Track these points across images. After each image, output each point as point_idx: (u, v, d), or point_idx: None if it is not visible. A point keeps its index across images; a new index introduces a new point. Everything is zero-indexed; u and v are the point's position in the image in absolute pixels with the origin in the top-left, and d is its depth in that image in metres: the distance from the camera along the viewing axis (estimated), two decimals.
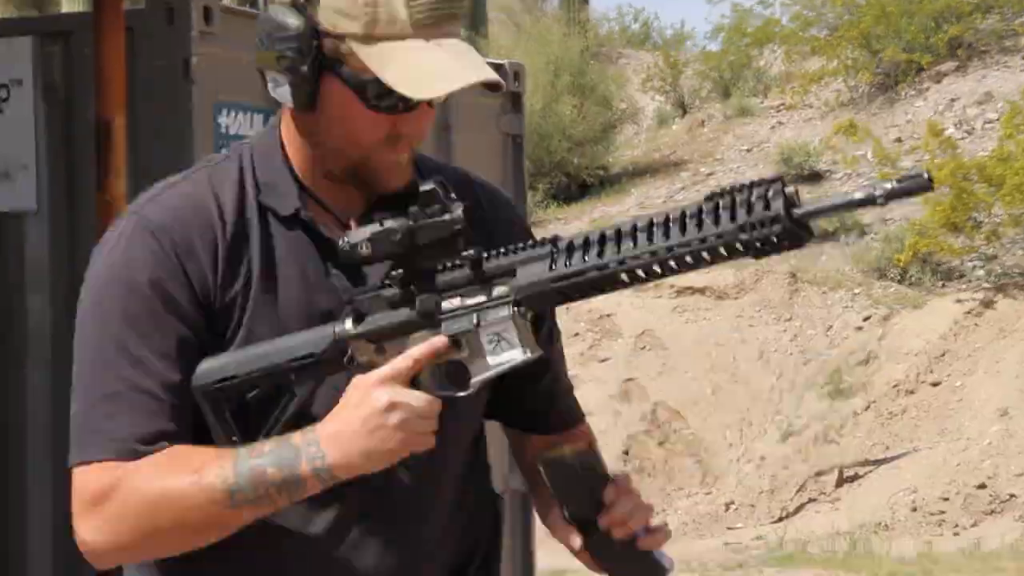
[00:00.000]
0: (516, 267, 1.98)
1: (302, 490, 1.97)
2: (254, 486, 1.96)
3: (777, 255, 1.89)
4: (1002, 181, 12.40)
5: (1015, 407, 11.42)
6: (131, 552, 2.02)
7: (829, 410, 12.35)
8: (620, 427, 12.70)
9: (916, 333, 12.57)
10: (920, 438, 11.70)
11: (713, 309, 13.60)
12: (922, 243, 12.79)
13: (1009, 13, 17.28)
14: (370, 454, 1.95)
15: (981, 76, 16.63)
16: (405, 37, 1.99)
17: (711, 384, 12.92)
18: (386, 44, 1.99)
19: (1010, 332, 12.18)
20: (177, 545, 2.01)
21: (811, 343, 13.05)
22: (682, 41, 24.89)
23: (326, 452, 1.96)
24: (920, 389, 12.11)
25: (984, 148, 14.30)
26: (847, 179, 15.38)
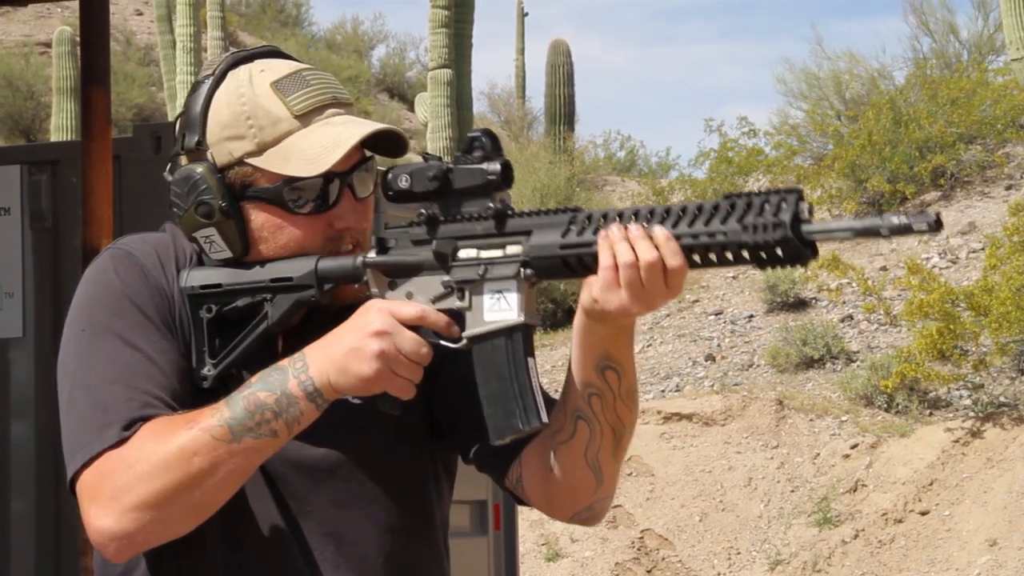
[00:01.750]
0: (534, 229, 1.97)
1: (296, 410, 1.96)
2: (250, 414, 1.94)
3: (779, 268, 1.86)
4: (988, 310, 12.44)
5: (1004, 537, 11.35)
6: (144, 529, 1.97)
7: (817, 538, 12.27)
8: (607, 555, 12.59)
9: (904, 461, 12.52)
10: (909, 567, 11.61)
11: (700, 435, 13.55)
12: (909, 370, 12.79)
13: (991, 144, 17.44)
14: (344, 371, 1.94)
15: (965, 206, 16.76)
16: (293, 131, 2.06)
17: (699, 511, 12.83)
18: (279, 145, 2.05)
19: (998, 462, 12.14)
20: (189, 509, 1.97)
21: (798, 470, 13.00)
22: (667, 169, 25.10)
23: (309, 362, 1.96)
24: (908, 518, 12.04)
25: (969, 278, 14.37)
26: (832, 307, 15.41)
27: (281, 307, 2.07)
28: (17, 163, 4.68)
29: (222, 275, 2.09)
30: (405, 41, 45.08)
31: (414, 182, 2.01)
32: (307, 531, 2.09)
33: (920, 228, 1.78)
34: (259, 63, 2.12)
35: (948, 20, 21.12)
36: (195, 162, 2.09)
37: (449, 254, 2.00)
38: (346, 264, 2.06)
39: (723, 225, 1.85)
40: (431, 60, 20.17)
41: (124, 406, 1.99)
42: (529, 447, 2.12)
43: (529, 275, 1.96)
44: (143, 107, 26.99)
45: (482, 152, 2.00)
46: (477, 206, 2.00)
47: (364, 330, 1.95)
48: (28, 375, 4.59)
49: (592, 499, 2.12)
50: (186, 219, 2.10)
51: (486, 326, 1.98)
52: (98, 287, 2.09)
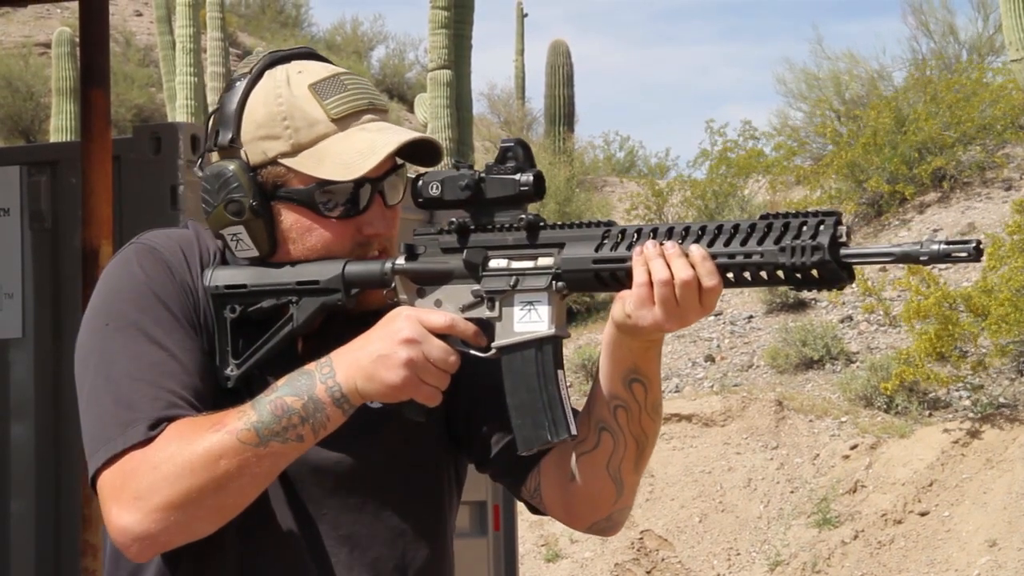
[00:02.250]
0: (567, 241, 1.97)
1: (323, 416, 1.95)
2: (277, 418, 1.94)
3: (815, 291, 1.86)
4: (987, 312, 12.43)
5: (1003, 538, 11.35)
6: (167, 530, 1.96)
7: (817, 539, 12.27)
8: (607, 555, 12.59)
9: (903, 462, 12.52)
10: (909, 568, 11.61)
11: (700, 436, 13.55)
12: (908, 372, 12.79)
13: (991, 145, 17.44)
14: (371, 378, 1.94)
15: (964, 207, 16.76)
16: (329, 134, 2.06)
17: (698, 512, 12.83)
18: (314, 148, 2.05)
19: (997, 462, 12.14)
20: (213, 511, 1.96)
21: (798, 471, 13.00)
22: (664, 170, 25.10)
23: (336, 368, 1.96)
24: (908, 519, 12.04)
25: (968, 279, 14.37)
26: (832, 308, 15.41)
27: (307, 310, 2.06)
28: (17, 164, 4.68)
29: (247, 275, 2.08)
30: (405, 42, 45.11)
31: (445, 190, 2.01)
32: (322, 534, 2.09)
33: (959, 255, 1.78)
34: (296, 64, 2.12)
35: (948, 21, 21.12)
36: (227, 159, 2.09)
37: (480, 263, 2.00)
38: (374, 269, 2.05)
39: (759, 246, 1.85)
40: (431, 61, 20.18)
41: (149, 404, 1.98)
42: (548, 457, 2.12)
43: (561, 287, 1.97)
44: (143, 108, 27.00)
45: (515, 162, 1.99)
46: (508, 216, 2.00)
47: (393, 337, 1.94)
48: (27, 376, 4.59)
49: (612, 509, 2.13)
50: (215, 215, 2.09)
51: (516, 337, 1.98)
52: (122, 280, 2.08)
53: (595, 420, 2.06)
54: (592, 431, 2.06)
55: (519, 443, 2.01)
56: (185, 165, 4.40)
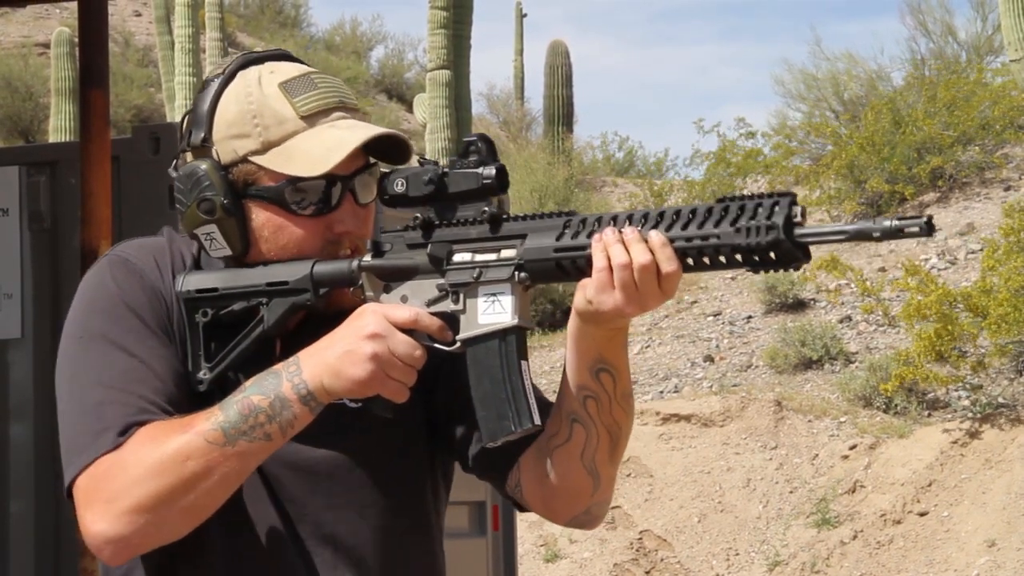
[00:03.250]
0: (529, 232, 1.98)
1: (290, 414, 1.96)
2: (244, 417, 1.95)
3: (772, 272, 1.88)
4: (987, 312, 12.43)
5: (1002, 538, 11.35)
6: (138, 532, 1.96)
7: (816, 539, 12.27)
8: (606, 556, 12.59)
9: (902, 462, 12.52)
10: (908, 568, 11.61)
11: (699, 437, 13.55)
12: (908, 372, 12.79)
13: (989, 145, 17.44)
14: (337, 374, 1.95)
15: (963, 207, 16.76)
16: (298, 131, 2.07)
17: (697, 512, 12.83)
18: (284, 145, 2.07)
19: (996, 463, 12.14)
20: (184, 512, 1.97)
21: (797, 471, 13.00)
22: (662, 168, 25.08)
23: (303, 366, 1.97)
24: (907, 519, 12.04)
25: (967, 278, 14.37)
26: (831, 308, 15.41)
27: (277, 311, 2.07)
28: (16, 164, 4.67)
29: (218, 279, 2.10)
30: (404, 42, 45.06)
31: (410, 186, 2.02)
32: (304, 533, 2.10)
33: (912, 231, 1.80)
34: (269, 65, 2.14)
35: (946, 21, 21.13)
36: (200, 159, 2.11)
37: (444, 257, 2.01)
38: (341, 268, 2.06)
39: (716, 228, 1.87)
40: (430, 61, 20.18)
41: (119, 412, 2.00)
42: (527, 452, 2.13)
43: (523, 278, 1.98)
44: (142, 108, 26.99)
45: (478, 156, 2.01)
46: (472, 210, 2.01)
47: (358, 333, 1.96)
48: (27, 376, 4.59)
49: (590, 502, 2.13)
50: (188, 215, 2.11)
51: (480, 329, 1.99)
52: (95, 294, 2.10)
53: (566, 412, 2.06)
54: (564, 423, 2.07)
55: (484, 435, 2.02)
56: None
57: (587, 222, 1.95)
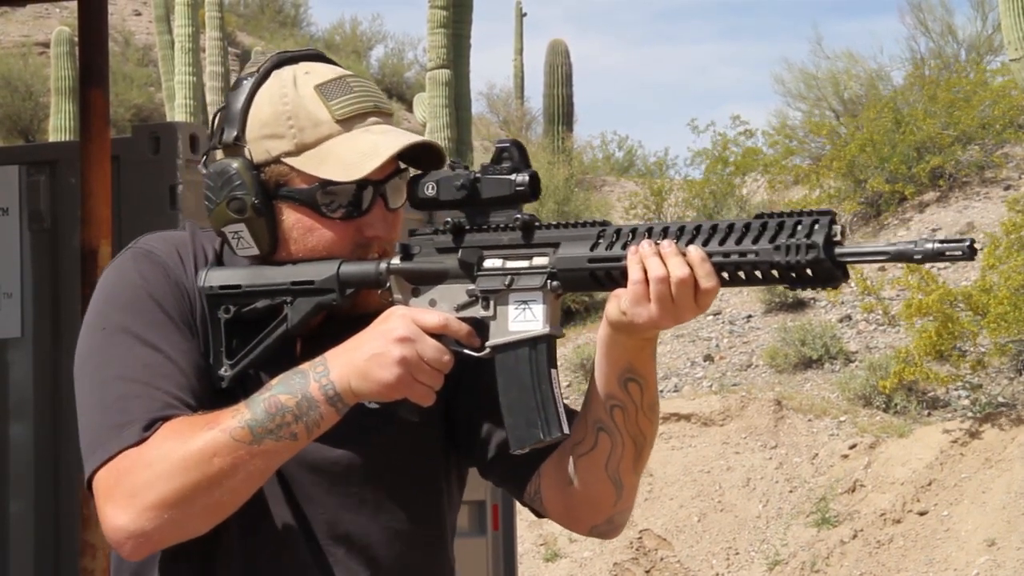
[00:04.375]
0: (562, 241, 1.98)
1: (317, 414, 1.96)
2: (271, 416, 1.94)
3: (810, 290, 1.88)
4: (986, 310, 12.43)
5: (1002, 538, 11.35)
6: (161, 528, 1.96)
7: (816, 539, 12.27)
8: (606, 555, 12.59)
9: (902, 462, 12.52)
10: (908, 568, 11.62)
11: (699, 436, 13.55)
12: (907, 371, 12.78)
13: (989, 144, 17.44)
14: (365, 376, 1.94)
15: (963, 207, 16.76)
16: (333, 135, 2.07)
17: (697, 511, 12.83)
18: (318, 148, 2.06)
19: (996, 462, 12.14)
20: (207, 509, 1.96)
21: (797, 471, 13.00)
22: (662, 166, 25.07)
23: (330, 367, 1.96)
24: (907, 518, 12.04)
25: (967, 278, 14.37)
26: (831, 307, 15.41)
27: (301, 310, 2.07)
28: (15, 163, 4.67)
29: (242, 276, 2.09)
30: (403, 41, 45.10)
31: (440, 190, 2.02)
32: (319, 533, 2.10)
33: (954, 253, 1.79)
34: (304, 65, 2.13)
35: (946, 20, 21.12)
36: (231, 157, 2.10)
37: (475, 263, 2.00)
38: (368, 269, 2.06)
39: (754, 245, 1.86)
40: (429, 60, 20.17)
41: (144, 405, 1.99)
42: (548, 460, 2.12)
43: (555, 287, 1.97)
44: (141, 107, 26.99)
45: (510, 163, 2.01)
46: (503, 216, 2.01)
47: (386, 336, 1.95)
48: (26, 375, 4.58)
49: (612, 512, 2.12)
50: (217, 213, 2.10)
51: (510, 336, 1.98)
52: (118, 285, 2.09)
53: (592, 421, 2.06)
54: (590, 432, 2.06)
55: (512, 442, 2.02)
56: (184, 165, 4.40)
57: (622, 233, 1.95)
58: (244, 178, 2.07)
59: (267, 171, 2.08)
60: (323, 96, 2.07)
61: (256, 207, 2.07)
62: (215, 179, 2.09)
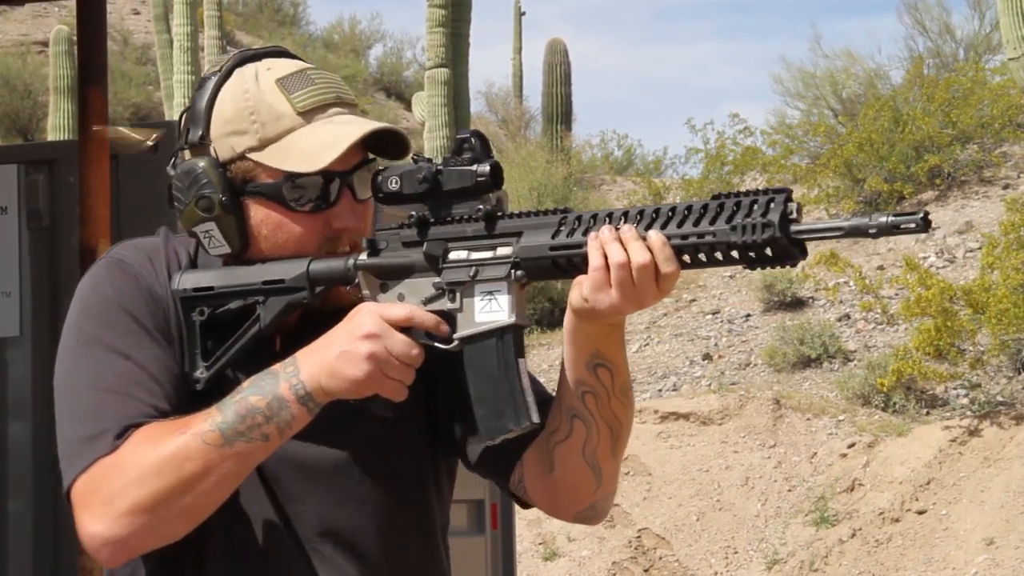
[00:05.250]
0: (524, 230, 1.98)
1: (288, 414, 1.96)
2: (241, 418, 1.95)
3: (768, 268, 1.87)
4: (986, 308, 12.43)
5: (1001, 537, 11.36)
6: (136, 534, 1.96)
7: (814, 538, 12.27)
8: (604, 554, 12.59)
9: (901, 461, 12.52)
10: (907, 567, 11.62)
11: (697, 435, 13.55)
12: (906, 367, 12.78)
13: (988, 144, 17.44)
14: (334, 374, 1.95)
15: (961, 205, 16.76)
16: (295, 128, 2.07)
17: (696, 510, 12.84)
18: (281, 142, 2.07)
19: (995, 460, 12.14)
20: (182, 513, 1.97)
21: (795, 470, 13.00)
22: (659, 164, 25.07)
23: (300, 366, 1.97)
24: (905, 517, 12.04)
25: (966, 276, 14.37)
26: (830, 306, 15.41)
27: (273, 309, 2.07)
28: (14, 162, 4.67)
29: (214, 277, 2.10)
30: (402, 40, 45.08)
31: (404, 184, 2.02)
32: (304, 530, 2.10)
33: (908, 227, 1.80)
34: (266, 62, 2.14)
35: (944, 19, 21.12)
36: (198, 156, 2.11)
37: (440, 256, 2.01)
38: (337, 266, 2.06)
39: (712, 226, 1.86)
40: (428, 59, 20.17)
41: (116, 414, 2.00)
42: (529, 449, 2.13)
43: (519, 276, 1.97)
44: (140, 106, 27.00)
45: (471, 154, 2.00)
46: (467, 208, 2.01)
47: (354, 333, 1.96)
48: (25, 374, 4.58)
49: (593, 498, 2.13)
50: (187, 213, 2.11)
51: (477, 327, 1.99)
52: (90, 298, 2.10)
53: (565, 408, 2.07)
54: (564, 419, 2.07)
55: (482, 433, 2.03)
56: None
57: (583, 219, 1.95)
58: (211, 176, 2.08)
59: (233, 168, 2.09)
60: (284, 89, 2.08)
61: (224, 204, 2.08)
62: (183, 179, 2.11)
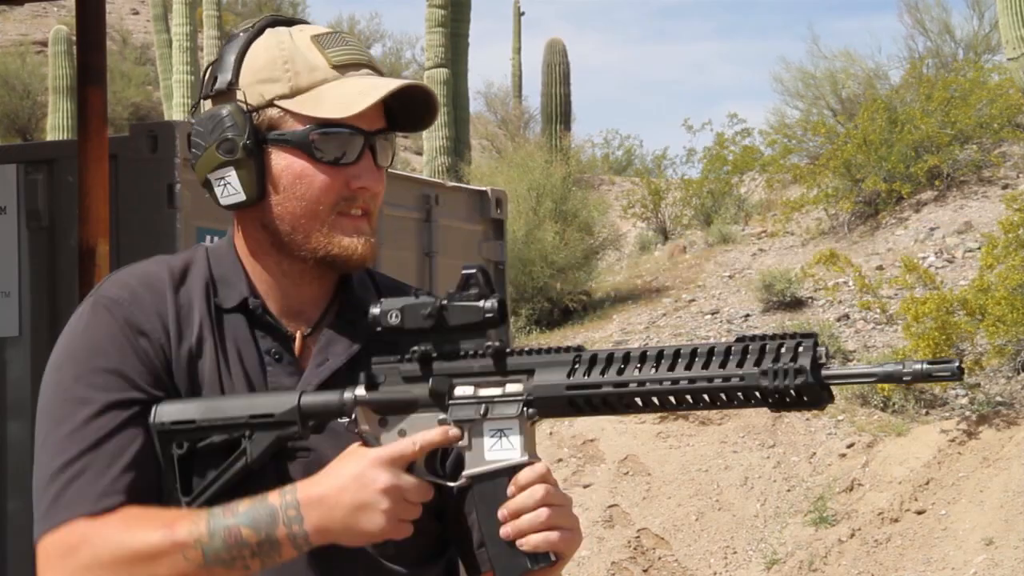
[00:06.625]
0: (536, 368, 1.95)
1: (277, 554, 1.93)
2: (228, 547, 1.92)
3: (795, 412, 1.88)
4: (984, 311, 12.43)
5: (1000, 537, 11.36)
6: None
7: (813, 538, 12.27)
8: (604, 554, 12.59)
9: (900, 461, 12.52)
10: (906, 567, 11.62)
11: (696, 435, 13.55)
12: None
13: (987, 144, 17.44)
14: (350, 530, 1.92)
15: (960, 206, 16.76)
16: (328, 79, 2.07)
17: (695, 510, 12.83)
18: (313, 91, 2.06)
19: (993, 461, 12.14)
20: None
21: (795, 470, 13.00)
22: (659, 163, 25.08)
23: (305, 516, 1.93)
24: (904, 517, 12.04)
25: (965, 277, 14.37)
26: (829, 306, 15.41)
27: (261, 445, 2.02)
28: (13, 162, 4.67)
29: (195, 410, 2.03)
30: (401, 40, 45.11)
31: (405, 319, 1.99)
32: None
33: (942, 375, 1.82)
34: (298, 25, 2.16)
35: (943, 19, 21.14)
36: (223, 103, 2.09)
37: (446, 392, 1.97)
38: (331, 400, 2.01)
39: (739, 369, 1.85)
40: (427, 59, 20.19)
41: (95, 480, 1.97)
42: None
43: (532, 414, 1.95)
44: (139, 106, 27.01)
45: (477, 289, 1.97)
46: (472, 343, 1.98)
47: (372, 488, 1.92)
48: (24, 374, 4.58)
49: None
50: (204, 158, 2.08)
51: (488, 466, 1.96)
52: (77, 346, 2.07)
53: None
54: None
55: (498, 571, 1.98)
56: (182, 163, 4.39)
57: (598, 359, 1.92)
58: (236, 120, 2.06)
59: (260, 115, 2.07)
60: (319, 45, 2.09)
61: (247, 148, 2.05)
62: (205, 124, 2.08)
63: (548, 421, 13.63)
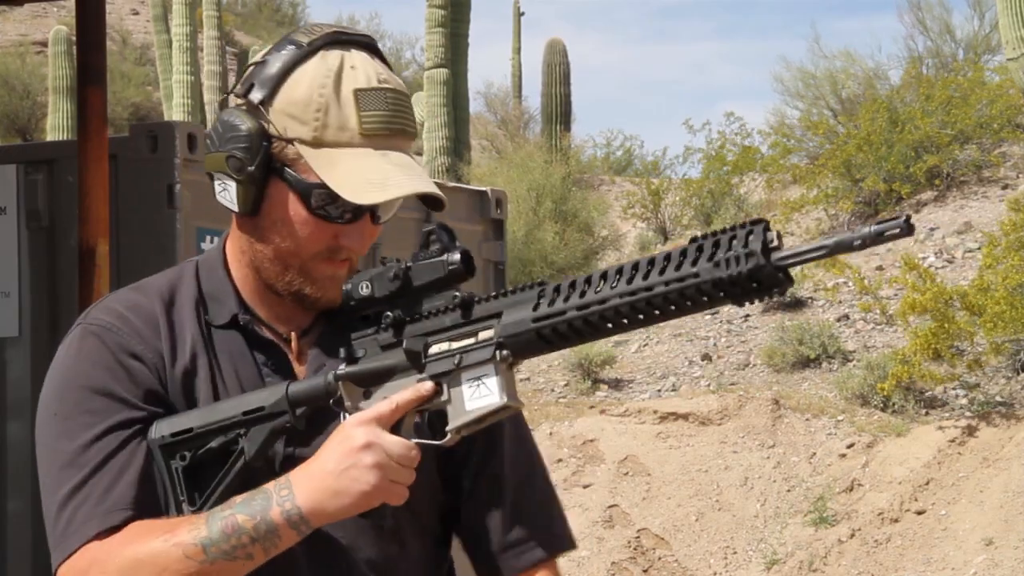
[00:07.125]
0: (504, 310, 1.94)
1: (276, 537, 1.94)
2: (226, 536, 1.93)
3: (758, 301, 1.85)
4: (983, 310, 12.43)
5: (1000, 537, 11.36)
6: None
7: (813, 538, 12.27)
8: (604, 554, 12.58)
9: (900, 461, 12.52)
10: (906, 567, 11.62)
11: (696, 435, 13.54)
12: (904, 373, 12.78)
13: (987, 144, 17.44)
14: (339, 493, 1.92)
15: (960, 206, 16.76)
16: (353, 145, 2.03)
17: (695, 511, 12.83)
18: (334, 150, 2.02)
19: (993, 461, 12.14)
20: None
21: (794, 470, 13.00)
22: (658, 166, 25.09)
23: (295, 492, 1.94)
24: (904, 517, 12.04)
25: (965, 277, 14.37)
26: (829, 306, 15.41)
27: (257, 440, 2.03)
28: (13, 162, 4.66)
29: (192, 419, 2.04)
30: (401, 40, 45.11)
31: (375, 287, 2.01)
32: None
33: (892, 232, 1.77)
34: (355, 56, 2.07)
35: (944, 19, 21.14)
36: (248, 115, 2.05)
37: (421, 351, 1.97)
38: (317, 384, 2.02)
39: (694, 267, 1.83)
40: (427, 59, 20.19)
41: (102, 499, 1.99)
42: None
43: (505, 356, 1.93)
44: (139, 106, 27.02)
45: (440, 245, 1.98)
46: (443, 299, 1.98)
47: (349, 447, 1.92)
48: (24, 374, 4.58)
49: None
50: (214, 158, 2.07)
51: (470, 415, 1.94)
52: (67, 373, 2.07)
53: None
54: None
55: None
56: (182, 164, 4.39)
57: (561, 288, 1.91)
58: (252, 143, 2.03)
59: (276, 145, 2.04)
60: (358, 103, 2.02)
61: (252, 175, 2.04)
62: (224, 127, 2.05)
63: (548, 421, 13.64)
